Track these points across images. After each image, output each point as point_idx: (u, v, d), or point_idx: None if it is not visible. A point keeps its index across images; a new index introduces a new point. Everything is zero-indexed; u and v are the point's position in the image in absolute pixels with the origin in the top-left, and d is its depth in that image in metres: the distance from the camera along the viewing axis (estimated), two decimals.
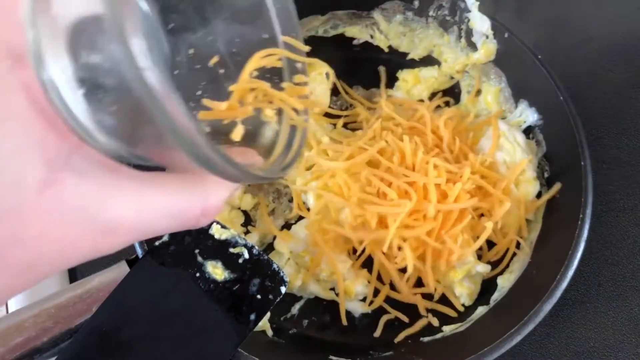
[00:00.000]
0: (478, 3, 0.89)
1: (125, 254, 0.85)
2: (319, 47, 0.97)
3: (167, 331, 0.68)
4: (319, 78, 0.93)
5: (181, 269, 0.71)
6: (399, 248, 0.78)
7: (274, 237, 0.84)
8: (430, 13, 0.95)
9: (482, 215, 0.83)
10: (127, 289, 0.69)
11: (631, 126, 0.97)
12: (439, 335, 0.78)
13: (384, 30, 0.98)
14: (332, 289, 0.82)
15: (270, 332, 0.78)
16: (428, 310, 0.80)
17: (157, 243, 0.71)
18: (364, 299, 0.82)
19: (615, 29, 1.06)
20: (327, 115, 0.93)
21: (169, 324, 0.68)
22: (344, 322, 0.80)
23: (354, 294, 0.80)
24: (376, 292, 0.81)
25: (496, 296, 0.80)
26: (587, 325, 0.83)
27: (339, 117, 0.93)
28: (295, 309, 0.82)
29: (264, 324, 0.77)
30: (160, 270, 0.71)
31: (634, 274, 0.86)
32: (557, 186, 0.82)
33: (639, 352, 0.81)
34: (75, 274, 0.85)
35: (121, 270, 0.71)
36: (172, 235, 0.72)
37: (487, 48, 0.90)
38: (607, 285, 0.85)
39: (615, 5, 1.09)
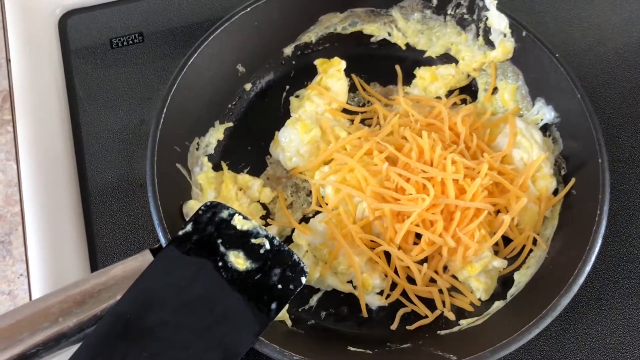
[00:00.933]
0: (496, 1, 0.90)
1: (145, 244, 0.87)
2: (337, 44, 1.00)
3: (189, 319, 0.69)
4: (337, 74, 0.94)
5: (204, 258, 0.72)
6: (415, 243, 0.79)
7: (292, 230, 0.85)
8: (449, 11, 0.96)
9: (498, 211, 0.84)
10: (151, 278, 0.71)
11: None
12: (455, 329, 0.79)
13: (402, 28, 0.99)
14: (350, 281, 0.83)
15: (289, 323, 0.79)
16: (444, 305, 0.81)
17: (180, 233, 0.73)
18: (380, 292, 0.82)
19: (632, 29, 1.07)
20: (345, 111, 0.94)
21: (192, 311, 0.69)
22: (365, 313, 0.81)
23: (371, 286, 0.81)
24: (393, 287, 0.82)
25: (513, 291, 0.81)
26: (602, 322, 0.83)
27: (356, 113, 0.94)
28: (314, 300, 0.83)
29: (283, 314, 0.78)
30: (183, 259, 0.72)
31: None
32: (572, 181, 0.83)
33: None
34: (96, 262, 0.86)
35: (145, 259, 0.73)
36: (195, 225, 0.73)
37: (504, 46, 0.91)
38: (622, 283, 0.86)
39: (632, 6, 1.09)
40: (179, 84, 0.85)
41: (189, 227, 0.73)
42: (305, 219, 0.88)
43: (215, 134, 0.92)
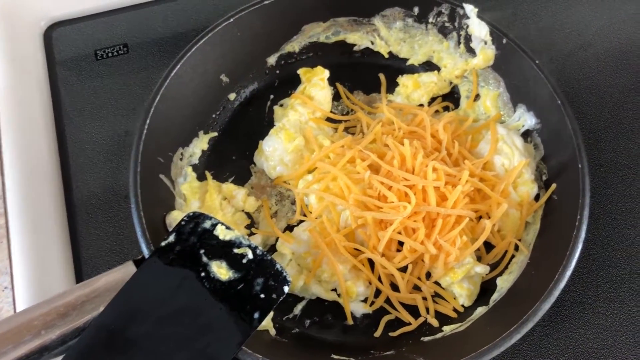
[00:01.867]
0: (477, 10, 0.91)
1: (130, 255, 0.87)
2: (321, 53, 1.00)
3: (172, 330, 0.69)
4: (321, 83, 0.95)
5: (187, 268, 0.72)
6: (398, 250, 0.80)
7: (277, 239, 0.86)
8: (430, 19, 0.96)
9: (480, 217, 0.84)
10: (134, 289, 0.71)
11: (628, 130, 0.99)
12: (439, 335, 0.79)
13: (384, 37, 1.00)
14: (334, 289, 0.84)
15: (273, 332, 0.79)
16: (428, 311, 0.81)
17: (163, 243, 0.73)
18: (364, 300, 0.83)
19: (612, 34, 1.08)
20: (329, 120, 0.95)
21: (175, 322, 0.70)
22: (350, 320, 0.81)
23: (355, 294, 0.82)
24: (377, 294, 0.83)
25: (495, 297, 0.81)
26: (585, 326, 0.84)
27: (340, 121, 0.95)
28: (298, 309, 0.83)
29: (267, 323, 0.79)
30: (166, 270, 0.72)
31: (632, 275, 0.87)
32: (553, 186, 0.84)
33: (637, 353, 0.82)
34: (81, 274, 0.86)
35: (128, 270, 0.73)
36: (178, 236, 0.74)
37: (485, 54, 0.92)
38: (605, 287, 0.87)
39: (612, 12, 1.11)
40: (162, 94, 0.85)
41: (171, 238, 0.73)
42: (290, 228, 0.88)
43: (200, 144, 0.92)
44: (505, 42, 0.90)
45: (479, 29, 0.91)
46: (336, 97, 0.98)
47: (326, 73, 0.96)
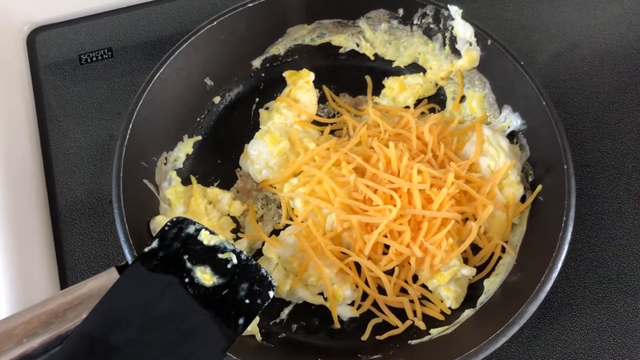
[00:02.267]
0: (461, 11, 0.90)
1: (115, 261, 0.86)
2: (306, 55, 1.00)
3: (156, 336, 0.68)
4: (306, 86, 0.95)
5: (170, 274, 0.71)
6: (384, 253, 0.79)
7: (263, 243, 0.85)
8: (415, 21, 0.96)
9: (467, 219, 0.84)
10: (117, 295, 0.70)
11: (615, 130, 0.99)
12: (426, 338, 0.79)
13: (370, 39, 1.00)
14: (321, 293, 0.83)
15: (259, 337, 0.78)
16: (415, 314, 0.81)
17: (146, 249, 0.72)
18: (352, 304, 0.82)
19: (598, 35, 1.08)
20: (315, 122, 0.95)
21: (158, 329, 0.69)
22: (336, 324, 0.81)
23: (342, 297, 0.81)
24: (364, 297, 0.82)
25: (482, 299, 0.81)
26: (573, 327, 0.84)
27: (326, 124, 0.94)
28: (285, 313, 0.82)
29: (253, 328, 0.78)
30: (149, 276, 0.71)
31: (619, 276, 0.87)
32: (539, 188, 0.83)
33: (625, 354, 0.82)
34: (66, 280, 0.86)
35: (111, 276, 0.72)
36: (161, 241, 0.73)
37: (470, 55, 0.92)
38: (592, 288, 0.87)
39: (598, 12, 1.11)
40: (145, 99, 0.84)
41: (154, 244, 0.73)
42: (276, 232, 0.87)
43: (184, 148, 0.92)
44: (490, 43, 0.90)
45: (463, 30, 0.91)
46: (322, 99, 0.98)
47: (311, 75, 0.95)
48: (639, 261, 0.88)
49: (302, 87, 0.94)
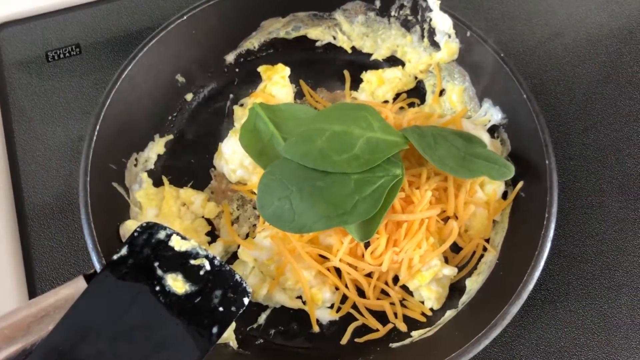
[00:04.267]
0: (439, 2, 0.88)
1: (87, 267, 0.84)
2: (281, 49, 0.97)
3: (127, 348, 0.66)
4: (282, 81, 0.92)
5: (141, 282, 0.69)
6: (362, 255, 0.77)
7: (239, 246, 0.82)
8: (392, 13, 0.93)
9: (447, 218, 0.82)
10: (85, 306, 0.67)
11: (597, 122, 0.97)
12: (407, 341, 0.77)
13: (347, 31, 0.97)
14: (300, 297, 0.81)
15: (235, 344, 0.76)
16: (396, 316, 0.79)
17: (115, 257, 0.69)
18: (331, 306, 0.80)
19: (580, 24, 1.06)
20: None
21: (129, 340, 0.66)
22: (315, 328, 0.79)
23: (321, 301, 0.79)
24: (344, 299, 0.80)
25: (464, 299, 0.79)
26: (557, 325, 0.82)
27: None
28: (262, 318, 0.80)
29: (229, 335, 0.76)
30: (118, 285, 0.69)
31: (602, 271, 0.85)
32: (520, 184, 0.81)
33: (609, 351, 0.81)
34: (34, 288, 0.82)
35: (78, 286, 0.69)
36: (131, 248, 0.70)
37: (449, 47, 0.89)
38: (576, 284, 0.85)
39: (581, 1, 1.08)
40: (113, 98, 0.81)
41: (124, 251, 0.70)
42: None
43: (155, 148, 0.89)
44: (470, 35, 0.87)
45: (442, 21, 0.88)
46: (299, 95, 0.95)
47: (287, 70, 0.92)
48: (622, 256, 0.87)
49: (277, 82, 0.91)
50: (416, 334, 0.77)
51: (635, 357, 0.80)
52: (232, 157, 0.86)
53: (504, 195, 0.84)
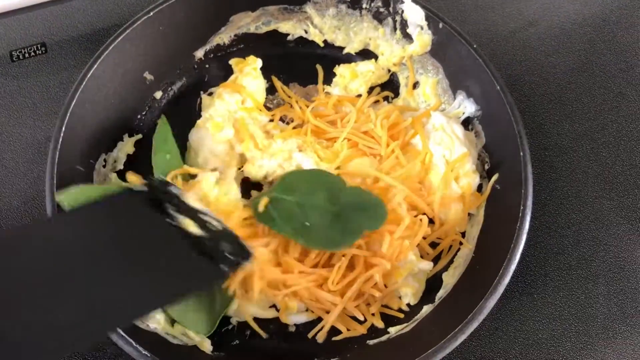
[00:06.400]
0: None
1: None
2: (252, 44, 0.95)
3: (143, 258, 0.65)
4: (253, 73, 0.90)
5: (158, 214, 0.68)
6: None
7: None
8: (364, 5, 0.92)
9: (424, 214, 0.81)
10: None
11: (572, 111, 0.97)
12: (384, 338, 0.76)
13: (318, 25, 0.95)
14: (274, 305, 0.79)
15: (209, 348, 0.74)
16: (373, 314, 0.78)
17: (135, 188, 0.72)
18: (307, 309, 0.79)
19: (553, 12, 1.06)
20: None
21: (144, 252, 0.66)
22: (291, 328, 0.78)
23: (296, 309, 0.77)
24: None
25: (441, 293, 0.78)
26: (534, 317, 0.82)
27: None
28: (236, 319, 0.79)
29: (201, 340, 0.74)
30: (139, 209, 0.69)
31: (579, 262, 0.85)
32: (495, 176, 0.81)
33: (586, 341, 0.80)
34: None
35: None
36: (149, 188, 0.72)
37: (422, 39, 0.88)
38: (553, 275, 0.85)
39: None
40: (79, 98, 0.79)
41: (143, 187, 0.71)
42: None
43: (125, 148, 0.87)
44: (442, 26, 0.86)
45: (414, 13, 0.87)
46: (271, 90, 0.93)
47: (259, 62, 0.91)
48: (598, 246, 0.86)
49: (249, 73, 0.90)
50: (393, 330, 0.76)
51: (612, 347, 0.80)
52: (200, 146, 0.84)
53: (479, 188, 0.83)
